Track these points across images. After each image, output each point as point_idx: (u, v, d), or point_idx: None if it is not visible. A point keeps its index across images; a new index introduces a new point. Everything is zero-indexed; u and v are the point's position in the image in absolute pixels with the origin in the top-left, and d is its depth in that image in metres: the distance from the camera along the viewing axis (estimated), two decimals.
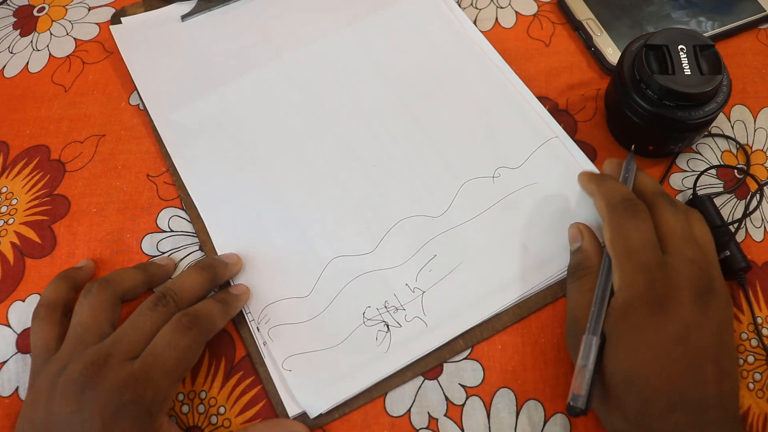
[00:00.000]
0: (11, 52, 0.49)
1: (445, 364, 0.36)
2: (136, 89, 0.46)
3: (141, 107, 0.45)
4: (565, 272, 0.38)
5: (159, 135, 0.44)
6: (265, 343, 0.37)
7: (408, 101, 0.44)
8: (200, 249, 0.40)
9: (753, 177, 0.41)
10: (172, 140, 0.43)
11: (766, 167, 0.42)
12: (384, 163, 0.42)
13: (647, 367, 0.30)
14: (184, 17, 0.49)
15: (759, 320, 0.37)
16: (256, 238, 0.40)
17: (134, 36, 0.48)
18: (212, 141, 0.43)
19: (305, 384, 0.35)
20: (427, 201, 0.40)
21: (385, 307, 0.37)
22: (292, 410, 0.35)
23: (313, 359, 0.36)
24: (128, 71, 0.46)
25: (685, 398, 0.29)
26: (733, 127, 0.43)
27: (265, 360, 0.36)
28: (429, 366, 0.36)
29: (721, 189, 0.41)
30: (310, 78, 0.45)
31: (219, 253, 0.39)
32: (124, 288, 0.36)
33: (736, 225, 0.38)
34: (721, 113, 0.40)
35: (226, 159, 0.43)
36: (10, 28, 0.50)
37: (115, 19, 0.49)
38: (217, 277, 0.37)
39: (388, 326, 0.37)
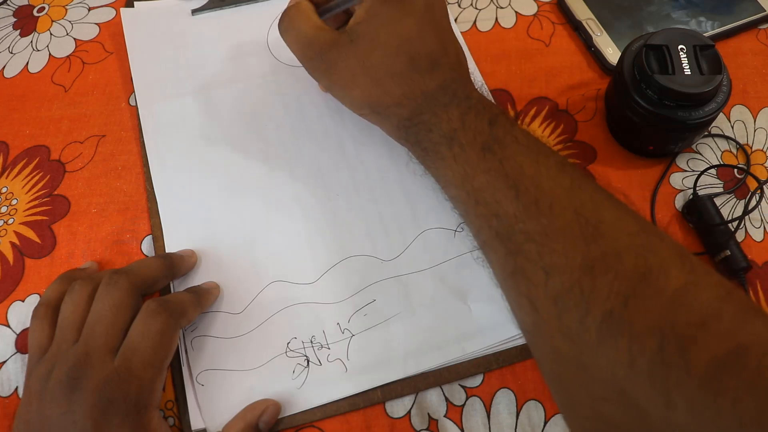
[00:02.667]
0: (11, 52, 0.49)
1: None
2: (132, 79, 0.46)
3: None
4: (504, 344, 0.36)
5: (140, 122, 0.44)
6: (186, 351, 0.36)
7: (390, 139, 0.43)
8: (152, 243, 0.40)
9: (753, 176, 0.41)
10: (149, 130, 0.44)
11: (766, 167, 0.42)
12: (349, 195, 0.41)
13: (410, 33, 0.34)
14: (194, 11, 0.49)
15: None
16: (205, 244, 0.40)
17: (142, 22, 0.48)
18: (188, 139, 0.43)
19: (213, 402, 0.35)
20: (381, 242, 0.39)
21: (311, 341, 0.37)
22: (196, 424, 0.35)
23: (228, 378, 0.36)
24: (128, 71, 0.46)
25: (443, 60, 0.34)
26: (733, 127, 0.43)
27: (182, 367, 0.36)
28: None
29: (721, 189, 0.41)
30: (299, 96, 0.45)
31: (168, 251, 0.39)
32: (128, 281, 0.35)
33: (735, 224, 0.38)
34: (721, 113, 0.40)
35: (197, 159, 0.42)
36: (10, 28, 0.50)
37: (129, 2, 0.50)
38: (173, 266, 0.37)
39: (308, 361, 0.36)
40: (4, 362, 0.37)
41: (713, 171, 0.42)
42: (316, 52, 0.36)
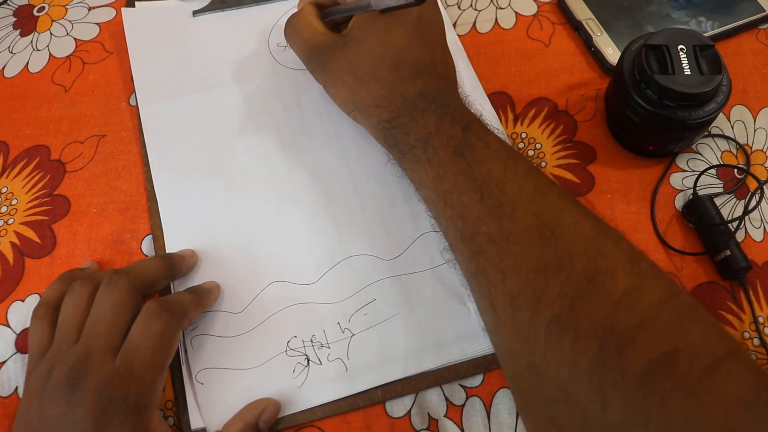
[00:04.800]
0: (11, 52, 0.49)
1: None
2: (132, 79, 0.46)
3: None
4: None
5: (140, 122, 0.44)
6: (186, 350, 0.36)
7: None
8: (152, 243, 0.40)
9: (753, 176, 0.41)
10: (150, 130, 0.44)
11: (766, 167, 0.42)
12: (349, 196, 0.41)
13: (398, 41, 0.36)
14: (195, 13, 0.49)
15: (760, 319, 0.37)
16: (206, 243, 0.40)
17: (143, 22, 0.48)
18: (189, 139, 0.43)
19: (213, 401, 0.35)
20: (381, 242, 0.39)
21: (311, 341, 0.37)
22: (195, 423, 0.35)
23: (227, 377, 0.36)
24: (128, 71, 0.46)
25: (429, 70, 0.36)
26: (733, 127, 0.43)
27: (182, 366, 0.36)
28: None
29: (721, 189, 0.41)
30: (299, 97, 0.45)
31: (168, 251, 0.39)
32: (129, 281, 0.35)
33: (735, 224, 0.38)
34: (721, 113, 0.40)
35: (197, 160, 0.43)
36: (10, 28, 0.50)
37: (130, 2, 0.50)
38: (173, 266, 0.37)
39: (308, 360, 0.36)
40: (4, 362, 0.37)
41: (713, 171, 0.42)
42: (315, 52, 0.39)
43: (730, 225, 0.39)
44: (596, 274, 0.27)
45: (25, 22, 0.50)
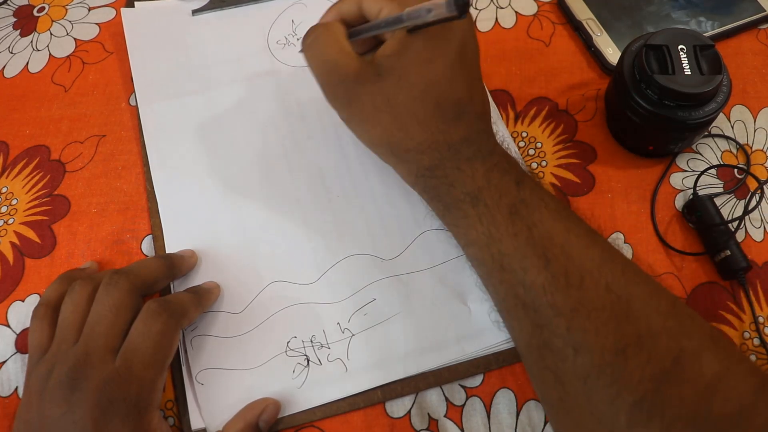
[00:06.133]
0: (11, 52, 0.49)
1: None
2: (132, 79, 0.46)
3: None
4: (504, 345, 0.36)
5: (140, 122, 0.44)
6: (185, 350, 0.36)
7: None
8: (152, 243, 0.40)
9: (753, 176, 0.41)
10: (150, 129, 0.44)
11: (766, 167, 0.42)
12: (349, 195, 0.41)
13: (439, 76, 0.32)
14: (195, 12, 0.49)
15: (760, 319, 0.37)
16: (205, 244, 0.40)
17: (142, 22, 0.48)
18: (188, 139, 0.43)
19: (213, 401, 0.35)
20: (381, 242, 0.39)
21: (311, 341, 0.37)
22: (195, 423, 0.35)
23: (227, 377, 0.36)
24: (128, 71, 0.46)
25: (468, 109, 0.32)
26: (733, 127, 0.43)
27: (182, 366, 0.36)
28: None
29: (721, 189, 0.41)
30: (299, 96, 0.45)
31: (168, 251, 0.39)
32: (129, 281, 0.35)
33: (735, 224, 0.38)
34: (721, 113, 0.40)
35: (197, 160, 0.43)
36: (10, 28, 0.50)
37: (129, 2, 0.50)
38: (173, 266, 0.37)
39: (308, 361, 0.36)
40: (4, 362, 0.37)
41: (713, 171, 0.42)
42: (340, 79, 0.33)
43: (730, 225, 0.39)
44: (681, 355, 0.26)
45: (25, 22, 0.50)
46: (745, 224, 0.40)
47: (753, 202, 0.40)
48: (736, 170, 0.42)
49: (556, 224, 0.29)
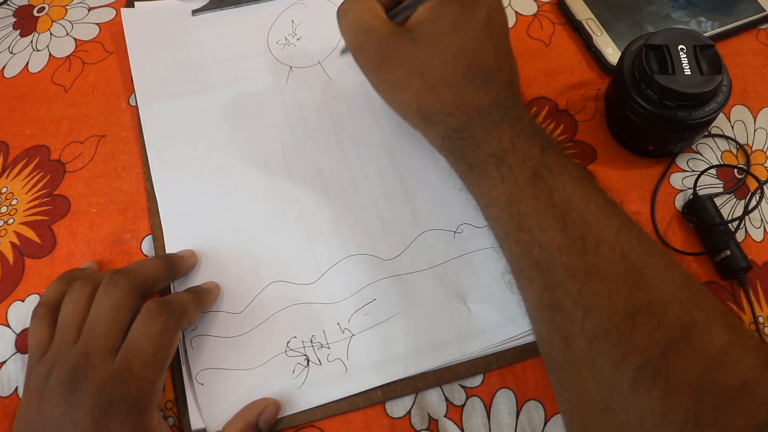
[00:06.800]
0: (11, 52, 0.49)
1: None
2: (132, 79, 0.46)
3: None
4: (504, 345, 0.36)
5: (140, 122, 0.44)
6: (186, 350, 0.36)
7: (390, 139, 0.43)
8: (152, 243, 0.40)
9: (753, 176, 0.41)
10: (150, 129, 0.44)
11: (766, 167, 0.42)
12: (349, 195, 0.41)
13: (470, 43, 0.33)
14: (195, 12, 0.49)
15: (760, 319, 0.37)
16: (205, 244, 0.40)
17: (142, 22, 0.48)
18: (188, 139, 0.43)
19: (213, 401, 0.35)
20: (381, 242, 0.39)
21: (311, 341, 0.37)
22: (195, 423, 0.35)
23: (227, 377, 0.36)
24: (128, 71, 0.46)
25: (497, 77, 0.34)
26: (733, 127, 0.43)
27: (182, 366, 0.36)
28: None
29: (721, 189, 0.41)
30: (300, 97, 0.45)
31: (168, 251, 0.39)
32: (129, 281, 0.35)
33: (735, 224, 0.38)
34: (721, 113, 0.40)
35: (197, 160, 0.43)
36: (10, 28, 0.50)
37: (129, 3, 0.50)
38: (173, 266, 0.37)
39: (308, 361, 0.36)
40: (4, 362, 0.37)
41: (713, 171, 0.42)
42: (373, 42, 0.34)
43: (730, 225, 0.39)
44: (691, 324, 0.26)
45: (25, 22, 0.50)
46: (745, 224, 0.40)
47: (753, 202, 0.40)
48: (736, 170, 0.42)
49: (577, 191, 0.30)
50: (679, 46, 0.37)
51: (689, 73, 0.36)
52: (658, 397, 0.25)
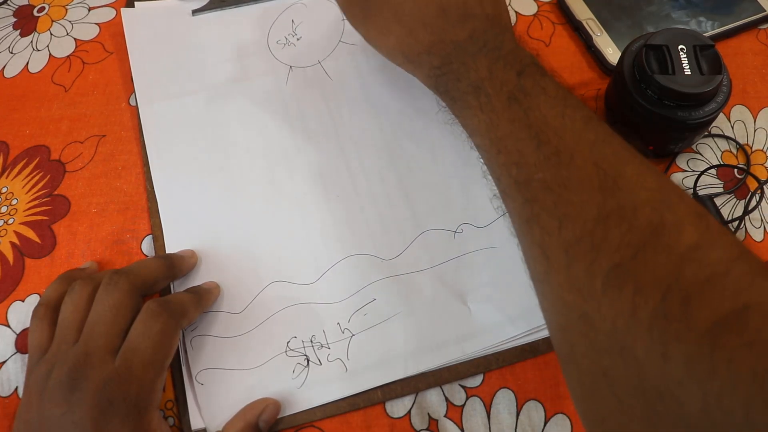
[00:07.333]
0: (11, 52, 0.49)
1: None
2: (132, 79, 0.46)
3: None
4: (504, 345, 0.36)
5: (140, 122, 0.44)
6: (186, 350, 0.36)
7: (390, 139, 0.43)
8: (152, 243, 0.40)
9: (753, 176, 0.41)
10: (150, 129, 0.44)
11: (766, 167, 0.42)
12: (349, 195, 0.41)
13: None
14: (195, 12, 0.49)
15: None
16: (206, 243, 0.40)
17: (142, 22, 0.48)
18: (188, 139, 0.43)
19: (213, 401, 0.35)
20: (381, 241, 0.39)
21: (311, 341, 0.37)
22: (195, 423, 0.35)
23: (227, 377, 0.36)
24: (128, 71, 0.46)
25: (476, 11, 0.34)
26: (733, 127, 0.43)
27: (182, 366, 0.36)
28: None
29: (721, 189, 0.41)
30: (299, 97, 0.45)
31: (168, 251, 0.39)
32: (129, 281, 0.35)
33: (736, 225, 0.38)
34: (721, 113, 0.40)
35: (197, 160, 0.43)
36: (10, 28, 0.50)
37: (129, 3, 0.50)
38: (174, 266, 0.37)
39: (308, 361, 0.36)
40: (4, 362, 0.37)
41: (713, 171, 0.42)
42: (356, 1, 0.37)
43: (730, 225, 0.39)
44: (661, 225, 0.26)
45: (25, 22, 0.50)
46: (745, 224, 0.40)
47: (753, 202, 0.40)
48: (736, 170, 0.42)
49: (552, 109, 0.30)
50: (679, 46, 0.37)
51: (689, 73, 0.36)
52: (628, 298, 0.25)
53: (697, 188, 0.40)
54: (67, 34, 0.49)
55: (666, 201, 0.27)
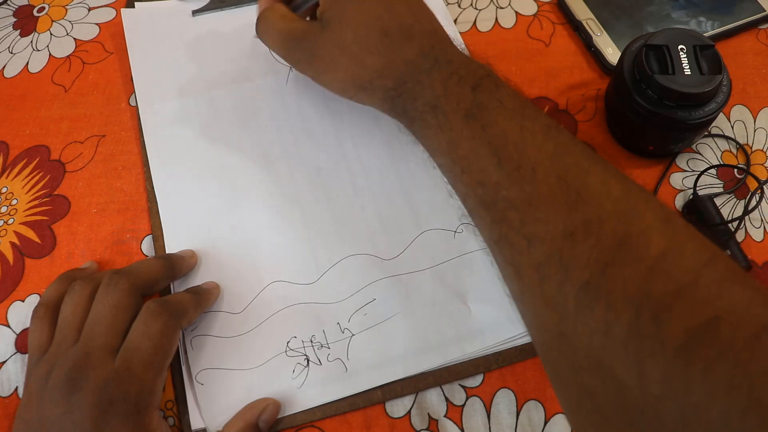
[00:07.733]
0: (11, 52, 0.49)
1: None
2: (132, 79, 0.46)
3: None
4: (504, 344, 0.36)
5: (140, 122, 0.44)
6: (186, 350, 0.36)
7: (390, 139, 0.43)
8: (152, 244, 0.40)
9: (753, 176, 0.41)
10: (150, 130, 0.44)
11: (766, 167, 0.42)
12: (349, 196, 0.41)
13: (376, 9, 0.35)
14: (195, 12, 0.49)
15: None
16: (206, 243, 0.40)
17: (143, 22, 0.48)
18: (188, 139, 0.43)
19: (213, 401, 0.35)
20: (381, 241, 0.39)
21: (311, 341, 0.37)
22: (195, 423, 0.35)
23: (227, 377, 0.36)
24: (128, 71, 0.46)
25: (416, 29, 0.34)
26: (733, 127, 0.43)
27: (182, 366, 0.36)
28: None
29: (721, 189, 0.41)
30: (299, 97, 0.45)
31: (168, 251, 0.39)
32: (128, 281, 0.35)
33: (735, 224, 0.38)
34: (721, 113, 0.40)
35: (197, 160, 0.42)
36: (10, 28, 0.50)
37: (130, 3, 0.50)
38: (173, 266, 0.37)
39: (308, 361, 0.36)
40: (4, 362, 0.37)
41: (713, 171, 0.42)
42: (295, 41, 0.37)
43: (730, 225, 0.39)
44: (627, 236, 0.26)
45: (25, 22, 0.50)
46: (745, 224, 0.40)
47: (753, 202, 0.40)
48: (736, 170, 0.42)
49: (511, 122, 0.30)
50: (679, 46, 0.37)
51: (689, 73, 0.36)
52: (601, 315, 0.25)
53: (697, 188, 0.40)
54: (67, 34, 0.49)
55: (631, 210, 0.27)
